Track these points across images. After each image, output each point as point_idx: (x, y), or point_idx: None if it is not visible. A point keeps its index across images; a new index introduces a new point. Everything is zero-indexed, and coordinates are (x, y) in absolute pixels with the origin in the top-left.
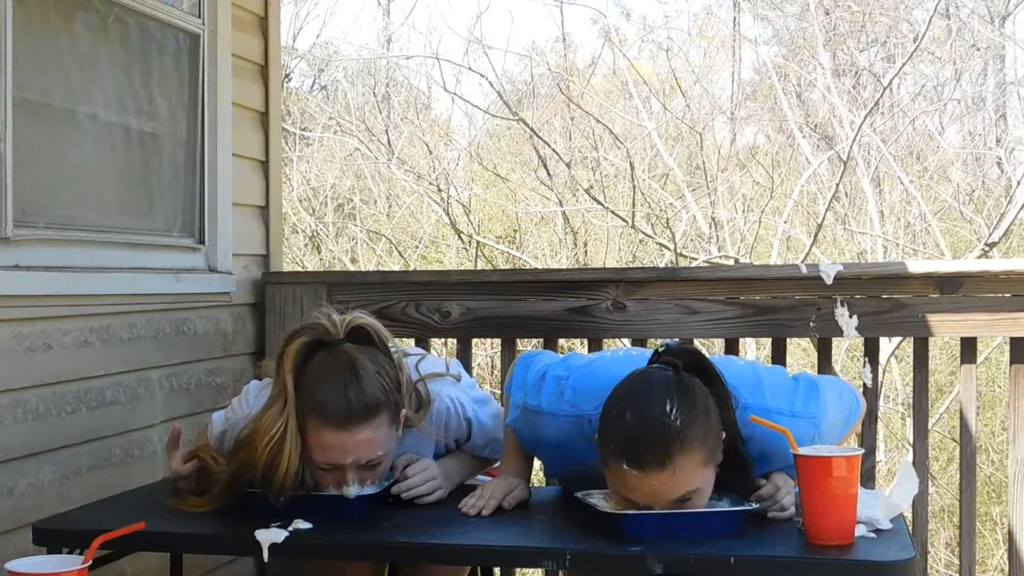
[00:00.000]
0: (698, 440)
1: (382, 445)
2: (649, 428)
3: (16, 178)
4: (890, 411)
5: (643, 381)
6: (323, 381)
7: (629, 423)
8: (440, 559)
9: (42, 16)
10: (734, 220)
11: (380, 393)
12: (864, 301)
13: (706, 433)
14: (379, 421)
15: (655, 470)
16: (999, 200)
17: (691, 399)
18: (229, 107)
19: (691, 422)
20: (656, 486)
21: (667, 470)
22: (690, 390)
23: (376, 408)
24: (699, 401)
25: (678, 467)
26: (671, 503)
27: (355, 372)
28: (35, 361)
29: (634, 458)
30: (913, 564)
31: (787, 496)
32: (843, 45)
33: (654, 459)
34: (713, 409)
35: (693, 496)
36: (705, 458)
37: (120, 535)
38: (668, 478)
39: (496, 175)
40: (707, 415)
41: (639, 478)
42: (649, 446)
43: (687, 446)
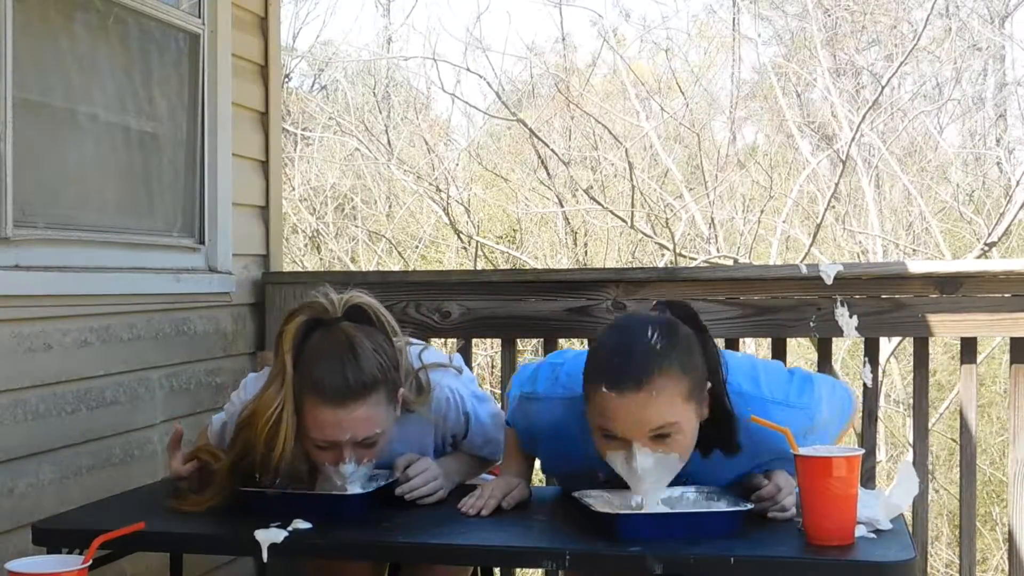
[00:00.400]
0: (678, 368)
1: (379, 423)
2: (629, 351)
3: (16, 178)
4: (890, 411)
5: (630, 317)
6: (320, 359)
7: (611, 348)
8: (440, 559)
9: (42, 16)
10: (733, 220)
11: (377, 371)
12: (864, 301)
13: (687, 365)
14: (376, 399)
15: (632, 391)
16: (999, 200)
17: (675, 333)
18: (229, 107)
19: (672, 349)
20: (633, 410)
21: (644, 391)
22: (675, 327)
23: (373, 385)
24: (682, 337)
25: (655, 390)
26: (649, 436)
27: (352, 350)
28: (35, 361)
29: (613, 380)
30: (913, 564)
31: (788, 497)
32: (843, 45)
33: (631, 379)
34: (698, 351)
35: (672, 433)
36: (685, 391)
37: (120, 535)
38: (645, 400)
39: (496, 175)
40: (689, 352)
41: (616, 400)
42: (628, 367)
43: (666, 370)
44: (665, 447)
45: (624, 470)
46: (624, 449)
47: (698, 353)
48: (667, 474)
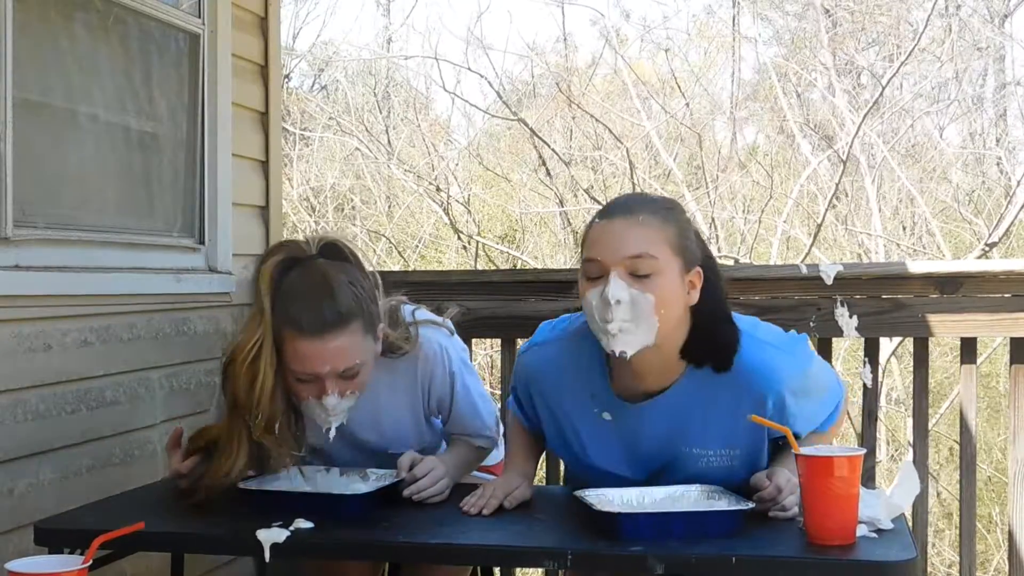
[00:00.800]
0: (670, 218)
1: (358, 353)
2: (626, 196)
3: (16, 178)
4: (890, 411)
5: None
6: (297, 295)
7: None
8: (440, 559)
9: (42, 16)
10: (734, 220)
11: (352, 302)
12: (864, 301)
13: (680, 224)
14: (353, 328)
15: (620, 216)
16: (999, 200)
17: (678, 206)
18: (229, 107)
19: (667, 204)
20: (617, 232)
21: (632, 216)
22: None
23: (349, 316)
24: (681, 211)
25: (642, 219)
26: (626, 266)
27: (327, 284)
28: (35, 361)
29: (606, 211)
30: (915, 564)
31: (789, 497)
32: (843, 45)
33: (622, 208)
34: (695, 231)
35: (651, 274)
36: (673, 242)
37: (120, 535)
38: (631, 225)
39: (496, 175)
40: (686, 221)
41: (602, 226)
42: (620, 202)
43: (656, 211)
44: (642, 287)
45: (597, 308)
46: (602, 285)
47: (694, 232)
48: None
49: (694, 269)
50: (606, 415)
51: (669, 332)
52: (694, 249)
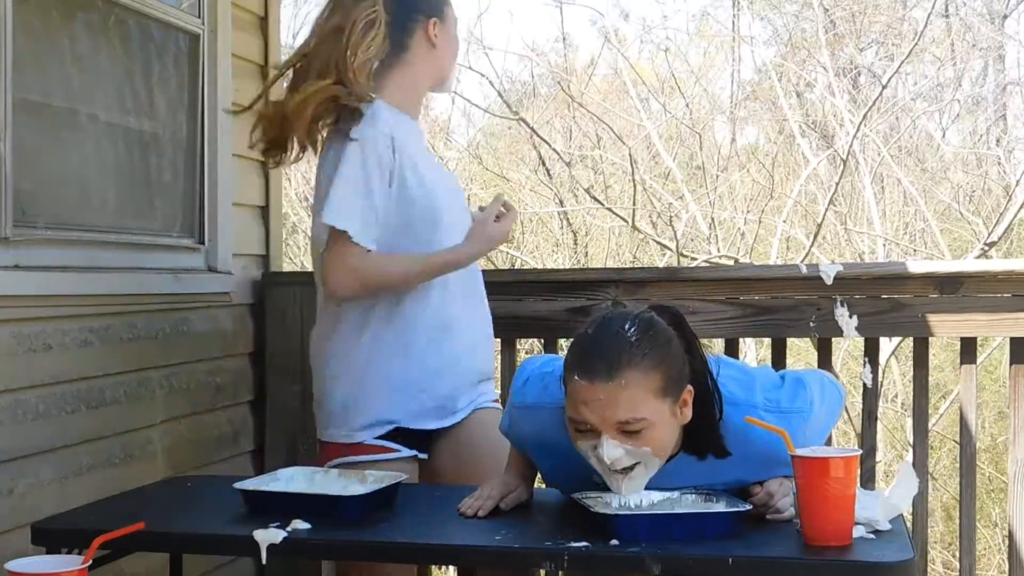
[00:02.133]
0: (651, 363)
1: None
2: (604, 340)
3: (16, 178)
4: (890, 411)
5: (612, 311)
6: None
7: (587, 338)
8: (439, 559)
9: (42, 16)
10: (734, 220)
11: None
12: (864, 301)
13: (663, 362)
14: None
15: (602, 380)
16: (999, 200)
17: (651, 328)
18: (229, 107)
19: (647, 342)
20: (602, 400)
21: (614, 382)
22: (655, 323)
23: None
24: (659, 332)
25: (625, 380)
26: (618, 428)
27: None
28: (35, 361)
29: (584, 367)
30: (912, 565)
31: (783, 499)
32: (843, 45)
33: (603, 368)
34: (677, 349)
35: (643, 429)
36: (659, 388)
37: (120, 535)
38: (614, 392)
39: (496, 175)
40: (667, 349)
41: (587, 389)
42: (600, 355)
43: (638, 362)
44: (634, 442)
45: (594, 461)
46: (594, 439)
47: (677, 352)
48: (642, 468)
49: (684, 392)
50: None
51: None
52: (681, 374)
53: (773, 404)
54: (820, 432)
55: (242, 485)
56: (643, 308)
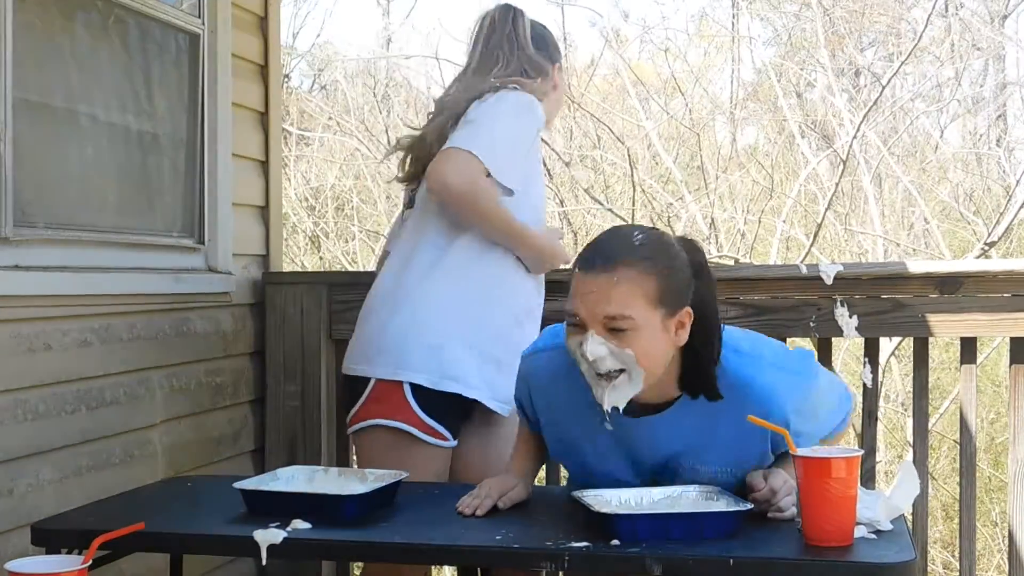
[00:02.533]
0: (649, 267)
1: None
2: (609, 239)
3: (16, 178)
4: (890, 411)
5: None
6: None
7: (597, 238)
8: (439, 559)
9: (42, 16)
10: (734, 220)
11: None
12: (864, 301)
13: (661, 271)
14: None
15: (596, 273)
16: (999, 200)
17: (661, 241)
18: (229, 107)
19: (649, 248)
20: (594, 293)
21: (607, 275)
22: (665, 238)
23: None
24: (668, 247)
25: (618, 277)
26: (604, 324)
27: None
28: (35, 361)
29: (585, 261)
30: (913, 565)
31: (785, 498)
32: (843, 45)
33: (600, 262)
34: (682, 268)
35: (628, 330)
36: (653, 295)
37: (120, 535)
38: (606, 286)
39: None
40: (670, 262)
41: (582, 281)
42: (601, 252)
43: (634, 263)
44: (618, 341)
45: (582, 364)
46: (582, 335)
47: (681, 269)
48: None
49: (682, 310)
50: (607, 424)
51: (657, 372)
52: (681, 291)
53: (779, 360)
54: (829, 420)
55: (242, 485)
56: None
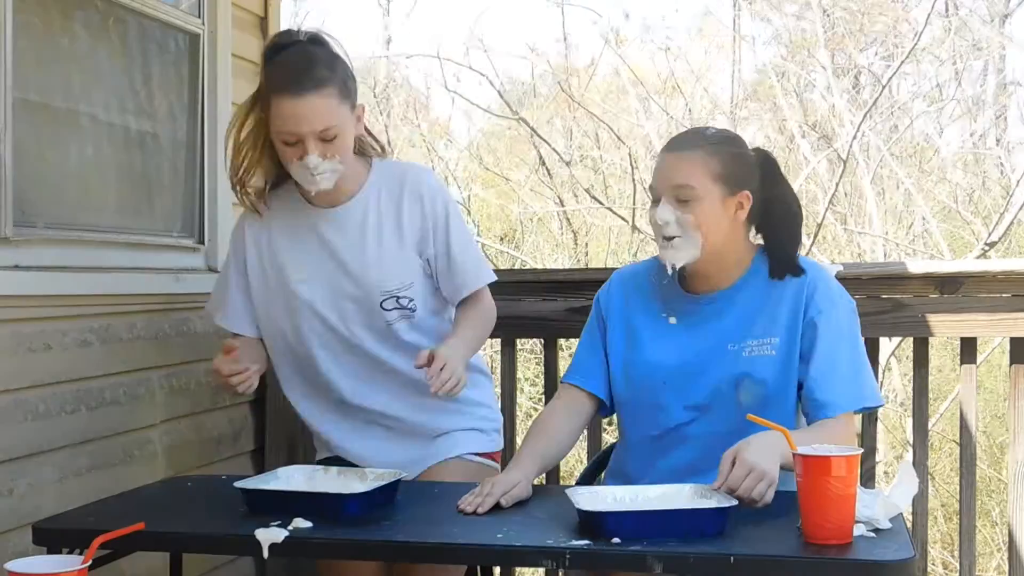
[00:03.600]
0: (714, 150)
1: (335, 116)
2: (690, 129)
3: (16, 178)
4: (890, 411)
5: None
6: (282, 66)
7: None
8: (440, 558)
9: (42, 16)
10: None
11: (328, 71)
12: (864, 301)
13: (726, 155)
14: (329, 92)
15: (673, 150)
16: (998, 200)
17: (731, 136)
18: (229, 107)
19: (718, 137)
20: (665, 165)
21: (679, 152)
22: (736, 137)
23: (324, 81)
24: (735, 141)
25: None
26: (671, 194)
27: (308, 56)
28: (35, 361)
29: (667, 144)
30: (912, 564)
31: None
32: (843, 45)
33: (677, 143)
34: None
35: (691, 200)
36: (716, 172)
37: (120, 535)
38: (676, 160)
39: (496, 174)
40: (735, 149)
41: (660, 159)
42: (680, 136)
43: (703, 146)
44: (683, 210)
45: (652, 224)
46: (656, 207)
47: (745, 159)
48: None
49: (741, 193)
50: (672, 319)
51: (717, 245)
52: (743, 176)
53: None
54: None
55: (243, 484)
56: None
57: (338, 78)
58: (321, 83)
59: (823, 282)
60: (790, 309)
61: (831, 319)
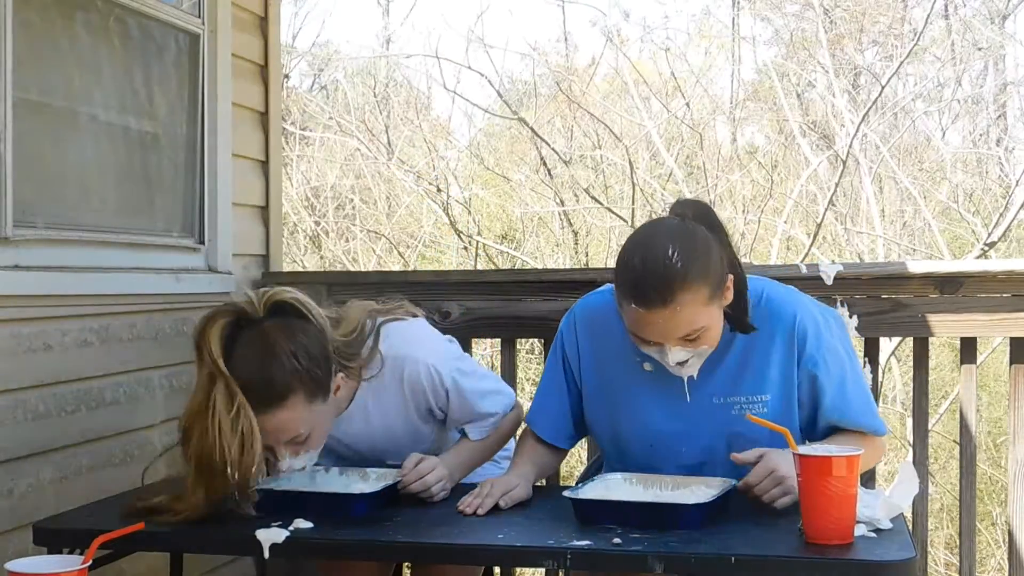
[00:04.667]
0: (699, 279)
1: (302, 424)
2: (653, 269)
3: (16, 178)
4: (890, 411)
5: (650, 228)
6: (241, 368)
7: (636, 265)
8: (440, 558)
9: (42, 16)
10: (734, 220)
11: (293, 375)
12: (864, 301)
13: (707, 273)
14: (294, 402)
15: (658, 308)
16: (998, 200)
17: (693, 242)
18: (229, 107)
19: (692, 263)
20: (661, 323)
21: (669, 307)
22: (692, 234)
23: (288, 391)
24: (700, 244)
25: (679, 304)
26: (679, 341)
27: (269, 357)
28: (35, 361)
29: (640, 297)
30: (913, 564)
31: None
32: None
33: (657, 297)
34: (716, 251)
35: (701, 334)
36: (708, 296)
37: (120, 535)
38: (671, 315)
39: (497, 174)
40: (708, 256)
41: (645, 316)
42: (652, 285)
43: (688, 285)
44: (694, 345)
45: (661, 361)
46: (658, 347)
47: (716, 254)
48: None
49: (726, 284)
50: (647, 366)
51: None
52: (721, 271)
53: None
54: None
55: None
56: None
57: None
58: (283, 394)
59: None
60: (780, 363)
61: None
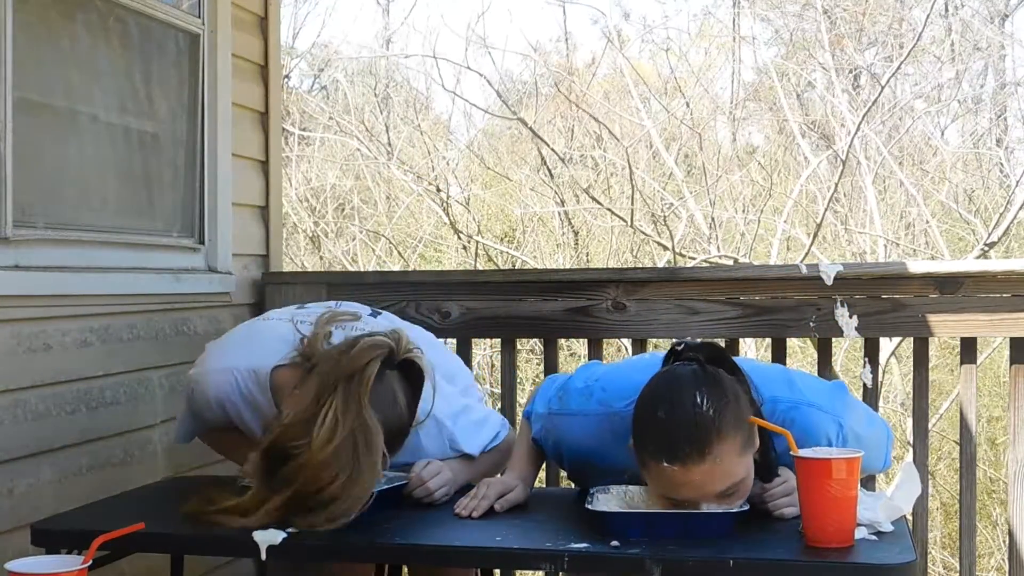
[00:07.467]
0: (732, 427)
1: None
2: (684, 422)
3: (16, 178)
4: (890, 411)
5: (668, 377)
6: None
7: (663, 420)
8: (438, 560)
9: (42, 16)
10: (734, 220)
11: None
12: (864, 301)
13: (739, 420)
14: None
15: (696, 463)
16: (998, 200)
17: (720, 388)
18: (229, 107)
19: (723, 410)
20: (699, 480)
21: (707, 461)
22: (716, 379)
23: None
24: (728, 389)
25: (718, 456)
26: (715, 498)
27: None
28: (35, 361)
29: (673, 454)
30: (914, 567)
31: (782, 498)
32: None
33: (693, 451)
34: (742, 396)
35: (738, 487)
36: (742, 444)
37: (120, 535)
38: (711, 469)
39: (497, 174)
40: (737, 402)
41: (682, 473)
42: (686, 439)
43: (724, 434)
44: (730, 501)
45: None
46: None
47: (744, 399)
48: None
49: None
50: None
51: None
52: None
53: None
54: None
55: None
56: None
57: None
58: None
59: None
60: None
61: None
